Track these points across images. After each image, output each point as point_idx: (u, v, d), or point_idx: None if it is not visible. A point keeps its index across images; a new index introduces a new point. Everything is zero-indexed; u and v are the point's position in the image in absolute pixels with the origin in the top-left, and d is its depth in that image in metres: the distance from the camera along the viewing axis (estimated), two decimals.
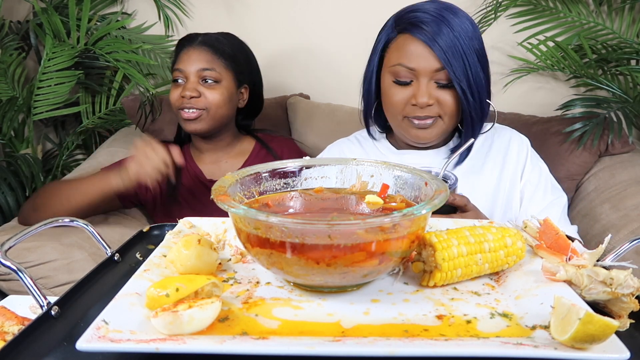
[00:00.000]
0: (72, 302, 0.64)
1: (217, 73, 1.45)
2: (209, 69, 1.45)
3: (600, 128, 1.63)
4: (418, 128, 1.15)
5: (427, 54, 1.09)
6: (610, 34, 1.85)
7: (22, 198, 1.87)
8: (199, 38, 1.48)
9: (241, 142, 1.60)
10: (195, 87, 1.44)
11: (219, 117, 1.48)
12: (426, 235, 0.67)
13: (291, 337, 0.54)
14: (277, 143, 1.61)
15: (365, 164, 0.78)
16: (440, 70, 1.09)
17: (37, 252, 1.33)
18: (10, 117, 1.93)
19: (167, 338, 0.52)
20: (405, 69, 1.11)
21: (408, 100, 1.13)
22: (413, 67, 1.11)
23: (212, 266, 0.69)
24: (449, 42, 1.08)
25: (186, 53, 1.47)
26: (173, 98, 1.47)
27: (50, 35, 1.89)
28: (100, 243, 0.78)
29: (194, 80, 1.45)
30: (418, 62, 1.10)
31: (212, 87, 1.45)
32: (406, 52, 1.11)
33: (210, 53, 1.46)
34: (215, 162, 1.56)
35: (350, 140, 1.34)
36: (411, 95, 1.12)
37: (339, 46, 2.03)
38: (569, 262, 0.67)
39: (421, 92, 1.11)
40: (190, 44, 1.47)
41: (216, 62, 1.46)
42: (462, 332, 0.57)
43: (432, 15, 1.09)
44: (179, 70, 1.46)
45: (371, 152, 1.29)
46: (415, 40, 1.10)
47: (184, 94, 1.44)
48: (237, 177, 0.71)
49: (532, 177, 1.21)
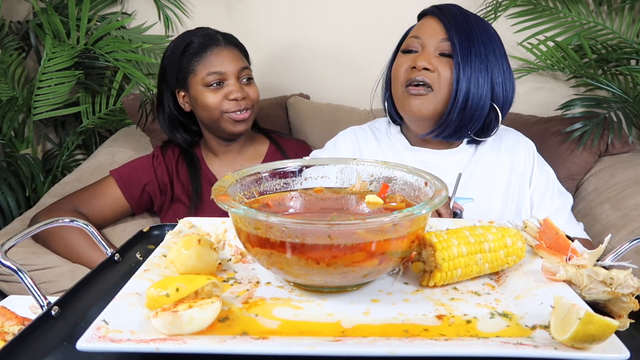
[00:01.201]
0: (72, 302, 0.64)
1: (250, 70, 1.48)
2: (246, 67, 1.46)
3: (600, 128, 1.63)
4: (412, 96, 1.16)
5: (438, 26, 1.16)
6: (610, 34, 1.85)
7: (22, 198, 1.87)
8: (220, 38, 1.46)
9: (255, 143, 1.58)
10: (241, 87, 1.44)
11: (256, 113, 1.51)
12: (426, 235, 0.67)
13: (291, 337, 0.54)
14: (292, 146, 1.59)
15: (365, 164, 0.78)
16: (445, 40, 1.15)
17: (43, 257, 1.34)
18: (10, 117, 1.93)
19: (167, 338, 0.52)
20: (414, 39, 1.18)
21: (409, 66, 1.17)
22: (421, 36, 1.17)
23: (212, 266, 0.69)
24: (462, 23, 1.15)
25: (216, 55, 1.43)
26: (215, 102, 1.42)
27: (50, 36, 1.89)
28: (100, 243, 0.78)
29: (235, 81, 1.43)
30: (426, 33, 1.17)
31: (251, 84, 1.47)
32: (419, 27, 1.21)
33: (238, 51, 1.47)
34: (230, 164, 1.54)
35: (364, 130, 1.34)
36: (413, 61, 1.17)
37: (339, 46, 2.03)
38: (569, 262, 0.67)
39: (422, 56, 1.16)
40: (216, 45, 1.44)
41: (246, 59, 1.49)
42: (462, 332, 0.57)
43: (457, 7, 1.19)
44: (217, 73, 1.41)
45: (385, 145, 1.29)
46: (430, 18, 1.19)
47: (235, 96, 1.41)
48: (237, 177, 0.71)
49: (540, 183, 1.22)
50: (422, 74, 1.14)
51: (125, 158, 1.70)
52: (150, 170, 1.50)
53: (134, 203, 1.49)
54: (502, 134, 1.27)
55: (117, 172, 1.49)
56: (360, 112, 1.87)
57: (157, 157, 1.52)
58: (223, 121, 1.44)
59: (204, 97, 1.42)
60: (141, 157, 1.56)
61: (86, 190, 1.47)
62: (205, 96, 1.42)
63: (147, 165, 1.51)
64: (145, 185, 1.49)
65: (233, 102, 1.41)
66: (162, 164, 1.51)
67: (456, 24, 1.14)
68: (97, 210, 1.45)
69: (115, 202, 1.47)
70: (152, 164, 1.51)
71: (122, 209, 1.49)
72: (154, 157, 1.52)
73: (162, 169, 1.51)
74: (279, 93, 1.99)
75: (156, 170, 1.50)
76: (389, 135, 1.30)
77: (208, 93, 1.42)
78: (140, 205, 1.51)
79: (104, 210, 1.46)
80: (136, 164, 1.52)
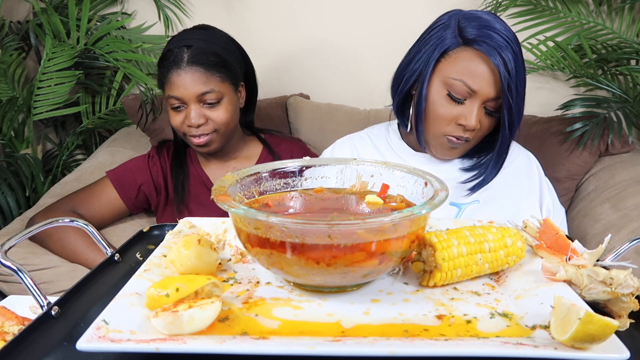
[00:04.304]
0: (72, 302, 0.64)
1: (217, 92, 1.34)
2: (207, 92, 1.33)
3: (600, 128, 1.63)
4: (451, 147, 1.12)
5: (492, 79, 1.04)
6: (610, 34, 1.85)
7: (22, 198, 1.87)
8: (185, 56, 1.34)
9: (248, 145, 1.54)
10: (199, 114, 1.34)
11: (229, 132, 1.42)
12: (426, 235, 0.67)
13: (291, 337, 0.54)
14: (286, 146, 1.55)
15: (365, 164, 0.78)
16: (498, 99, 1.06)
17: (43, 257, 1.34)
18: (10, 117, 1.93)
19: (167, 338, 0.52)
20: (466, 90, 1.06)
21: (455, 118, 1.09)
22: (476, 89, 1.05)
23: (212, 266, 0.69)
24: (513, 72, 1.04)
25: (177, 77, 1.34)
26: (176, 123, 1.38)
27: (50, 36, 1.89)
28: (100, 243, 0.78)
29: (195, 106, 1.34)
30: (481, 85, 1.05)
31: (216, 108, 1.36)
32: (472, 71, 1.05)
33: (203, 72, 1.33)
34: (222, 166, 1.51)
35: (362, 137, 1.29)
36: (460, 115, 1.08)
37: (340, 46, 2.03)
38: (569, 262, 0.67)
39: (474, 116, 1.06)
40: (178, 66, 1.34)
41: (212, 80, 1.34)
42: (462, 332, 0.57)
43: (504, 39, 1.04)
44: (175, 98, 1.35)
45: (385, 151, 1.24)
46: (482, 60, 1.04)
47: (190, 122, 1.34)
48: (237, 177, 0.71)
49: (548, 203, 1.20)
50: (467, 133, 1.09)
51: (125, 158, 1.70)
52: (145, 171, 1.49)
53: (131, 204, 1.48)
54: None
55: (113, 172, 1.48)
56: (360, 113, 1.87)
57: (152, 157, 1.51)
58: (187, 140, 1.41)
59: (170, 115, 1.40)
60: (137, 157, 1.54)
61: (83, 191, 1.47)
62: (170, 114, 1.39)
63: (142, 165, 1.50)
64: (141, 186, 1.48)
65: (191, 128, 1.36)
66: (158, 163, 1.50)
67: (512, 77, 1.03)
68: (95, 211, 1.45)
69: (111, 202, 1.47)
70: (147, 164, 1.49)
71: (119, 209, 1.48)
72: (149, 157, 1.51)
73: (157, 169, 1.49)
74: (279, 93, 1.99)
75: (151, 170, 1.49)
76: (389, 142, 1.25)
77: (172, 113, 1.38)
78: (137, 206, 1.51)
79: (101, 211, 1.46)
80: (131, 164, 1.51)
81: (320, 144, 1.42)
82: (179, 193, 1.46)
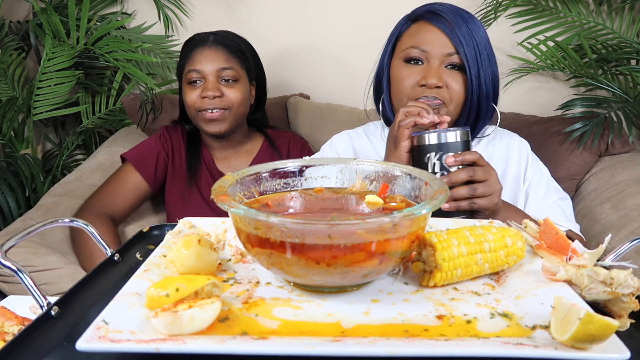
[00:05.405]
0: (72, 302, 0.63)
1: (235, 71, 1.46)
2: (228, 68, 1.45)
3: (600, 128, 1.63)
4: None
5: (441, 37, 1.10)
6: (610, 33, 1.85)
7: (22, 198, 1.87)
8: (211, 37, 1.47)
9: (251, 140, 1.61)
10: (217, 87, 1.43)
11: (240, 115, 1.49)
12: (426, 235, 0.67)
13: (291, 337, 0.54)
14: (284, 139, 1.63)
15: (365, 164, 0.78)
16: (453, 54, 1.10)
17: (44, 258, 1.34)
18: (10, 117, 1.93)
19: (167, 338, 0.52)
20: (418, 50, 1.12)
21: (417, 82, 1.12)
22: (425, 48, 1.11)
23: (212, 266, 0.69)
24: (464, 30, 1.09)
25: (201, 53, 1.45)
26: (191, 99, 1.45)
27: (50, 35, 1.89)
28: (100, 243, 0.78)
29: (213, 80, 1.44)
30: (430, 45, 1.11)
31: (232, 86, 1.46)
32: (419, 36, 1.13)
33: (226, 52, 1.46)
34: (225, 159, 1.59)
35: (358, 133, 1.33)
36: (420, 77, 1.12)
37: (339, 46, 2.03)
38: (569, 262, 0.67)
39: (431, 73, 1.10)
40: (204, 44, 1.46)
41: (233, 60, 1.46)
42: (462, 332, 0.56)
43: (449, 9, 1.12)
44: (195, 71, 1.44)
45: (380, 147, 1.28)
46: (429, 25, 1.12)
47: (206, 94, 1.42)
48: (237, 177, 0.71)
49: (535, 178, 1.22)
50: (433, 91, 1.11)
51: None
52: (158, 146, 1.57)
53: (151, 181, 1.54)
54: (497, 134, 1.27)
55: (130, 153, 1.56)
56: (360, 112, 1.87)
57: (163, 135, 1.59)
58: (199, 120, 1.48)
59: (185, 94, 1.47)
60: (148, 138, 1.63)
61: (108, 184, 1.53)
62: (186, 93, 1.47)
63: (154, 142, 1.58)
64: (157, 160, 1.55)
65: (206, 100, 1.43)
66: (168, 140, 1.58)
67: (461, 34, 1.09)
68: (123, 199, 1.50)
69: (136, 186, 1.52)
70: (159, 141, 1.58)
71: (144, 191, 1.54)
72: (160, 135, 1.59)
73: (168, 145, 1.57)
74: (279, 93, 1.99)
75: (163, 145, 1.57)
76: (383, 138, 1.29)
77: (188, 90, 1.46)
78: (157, 183, 1.56)
79: (130, 197, 1.51)
80: (145, 143, 1.59)
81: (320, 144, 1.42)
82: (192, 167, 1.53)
